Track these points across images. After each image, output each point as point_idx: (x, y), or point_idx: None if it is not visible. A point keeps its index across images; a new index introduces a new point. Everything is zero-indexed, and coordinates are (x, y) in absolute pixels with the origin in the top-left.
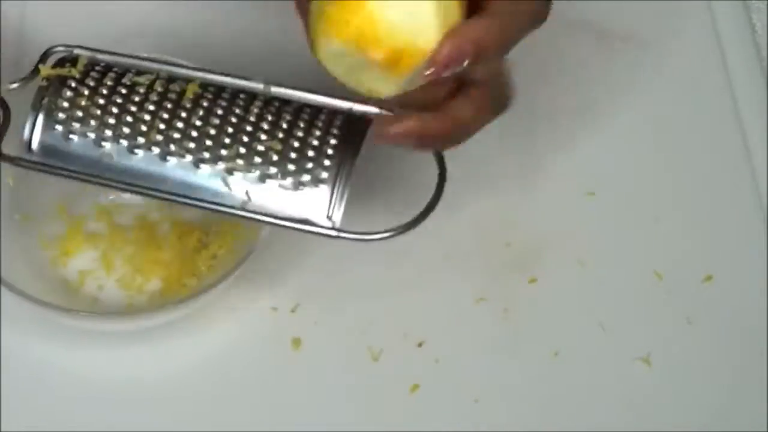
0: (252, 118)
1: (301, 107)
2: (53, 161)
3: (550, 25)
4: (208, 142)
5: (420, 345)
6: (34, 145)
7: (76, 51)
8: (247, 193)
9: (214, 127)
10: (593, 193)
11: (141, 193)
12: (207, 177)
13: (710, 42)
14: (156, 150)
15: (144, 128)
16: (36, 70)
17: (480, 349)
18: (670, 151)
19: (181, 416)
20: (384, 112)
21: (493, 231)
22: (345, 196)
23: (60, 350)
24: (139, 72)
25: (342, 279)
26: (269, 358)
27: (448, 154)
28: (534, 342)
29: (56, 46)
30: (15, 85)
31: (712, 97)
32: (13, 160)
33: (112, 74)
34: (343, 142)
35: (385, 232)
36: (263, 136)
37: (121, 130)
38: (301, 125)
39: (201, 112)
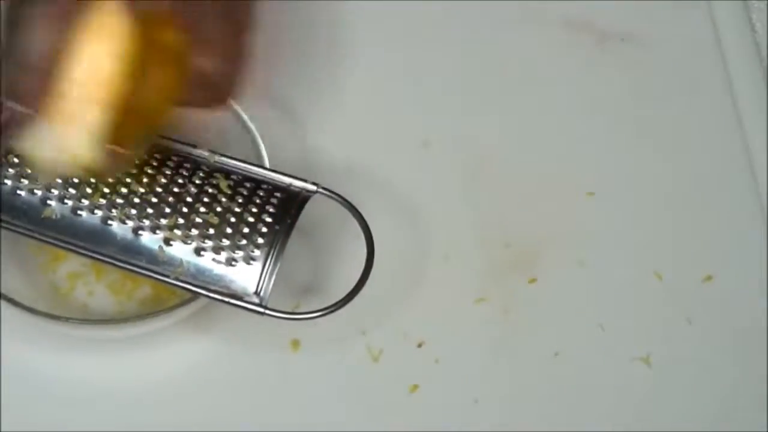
0: (193, 189)
1: (241, 180)
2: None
3: (551, 25)
4: (149, 210)
5: (420, 345)
6: None
7: None
8: (182, 262)
9: (156, 195)
10: (593, 193)
11: (81, 254)
12: (146, 244)
13: (710, 42)
14: (99, 213)
15: (89, 191)
16: None
17: (480, 349)
18: (670, 150)
19: (179, 419)
20: None
21: (493, 231)
22: (274, 275)
23: (53, 356)
24: None
25: (341, 279)
26: (268, 360)
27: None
28: (534, 342)
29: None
30: None
31: (712, 97)
32: None
33: None
34: (278, 219)
35: (311, 312)
36: (202, 209)
37: (67, 191)
38: (239, 200)
39: (144, 179)
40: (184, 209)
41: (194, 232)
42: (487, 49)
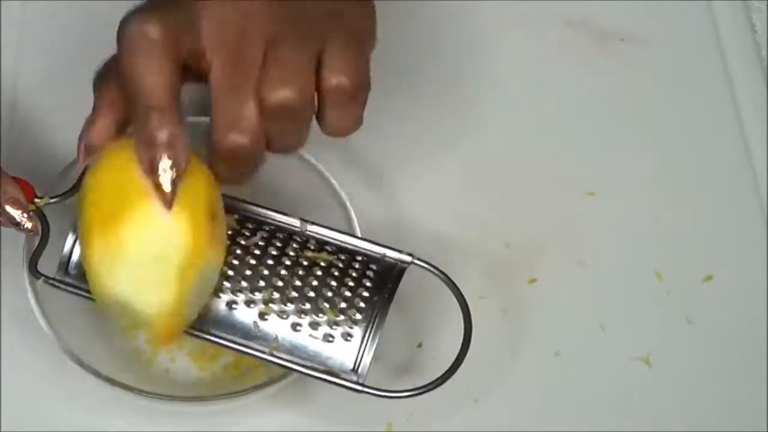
0: (287, 261)
1: (335, 251)
2: (87, 285)
3: (551, 25)
4: (243, 283)
5: (420, 345)
6: (71, 267)
7: None
8: (277, 338)
9: (249, 267)
10: (593, 193)
11: None
12: (240, 318)
13: (710, 42)
14: None
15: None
16: (76, 188)
17: (480, 349)
18: (670, 150)
19: None
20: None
21: (493, 231)
22: (372, 351)
23: (131, 428)
24: None
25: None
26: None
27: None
28: (534, 342)
29: None
30: (54, 200)
31: (712, 97)
32: (48, 280)
33: None
34: (376, 293)
35: (408, 391)
36: (297, 282)
37: None
38: (335, 273)
39: (237, 251)
40: (279, 282)
41: (290, 306)
42: (487, 50)
